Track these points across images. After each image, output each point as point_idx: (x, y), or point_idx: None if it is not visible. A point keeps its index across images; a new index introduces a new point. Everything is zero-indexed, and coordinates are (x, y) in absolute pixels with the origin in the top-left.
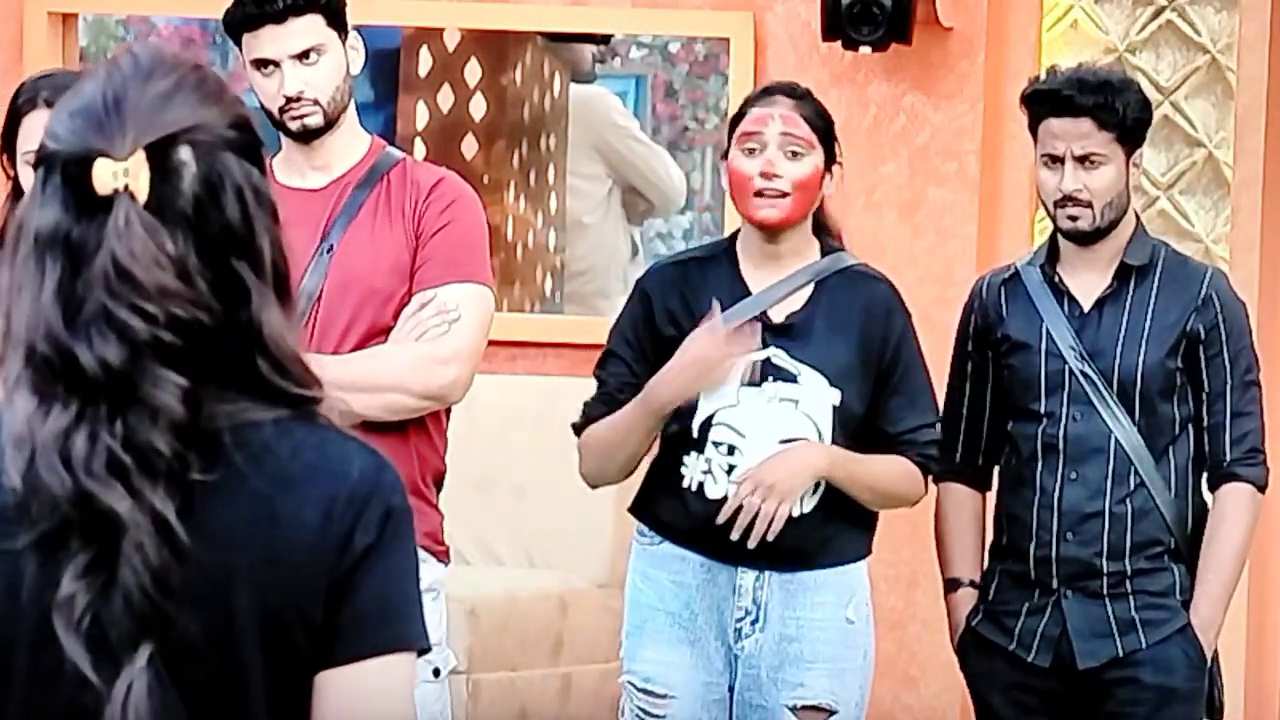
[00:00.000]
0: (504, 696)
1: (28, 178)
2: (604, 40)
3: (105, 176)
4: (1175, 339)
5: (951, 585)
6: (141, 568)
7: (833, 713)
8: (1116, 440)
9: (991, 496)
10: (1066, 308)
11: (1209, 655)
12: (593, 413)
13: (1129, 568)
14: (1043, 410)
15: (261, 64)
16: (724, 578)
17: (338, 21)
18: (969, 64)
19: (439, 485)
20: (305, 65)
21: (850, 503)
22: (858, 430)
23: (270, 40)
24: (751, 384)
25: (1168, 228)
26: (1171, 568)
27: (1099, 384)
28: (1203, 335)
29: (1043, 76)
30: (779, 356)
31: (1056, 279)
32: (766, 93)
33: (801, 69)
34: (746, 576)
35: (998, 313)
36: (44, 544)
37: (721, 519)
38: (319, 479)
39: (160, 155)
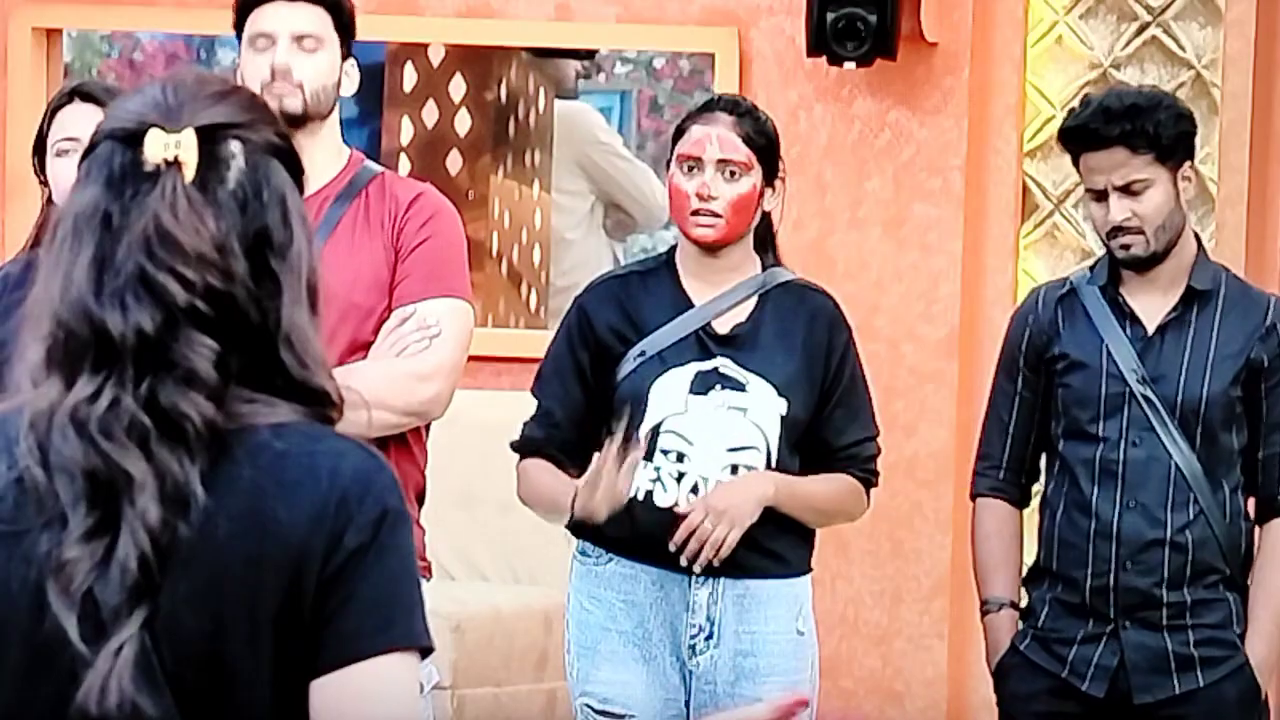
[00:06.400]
0: (489, 712)
1: (56, 170)
2: (588, 56)
3: (156, 146)
4: (1238, 368)
5: (989, 606)
6: (142, 531)
7: None
8: (1176, 467)
9: (1027, 515)
10: (1129, 329)
11: (1264, 694)
12: (532, 435)
13: (1188, 598)
14: (1100, 433)
15: (258, 39)
16: (677, 594)
17: (342, 29)
18: (954, 80)
19: (420, 500)
20: (300, 49)
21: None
22: (800, 442)
23: (274, 15)
24: (699, 392)
25: None
26: (1228, 597)
27: (1160, 409)
28: (1265, 364)
29: (1076, 108)
30: (727, 366)
31: (1119, 299)
32: (708, 109)
33: (786, 84)
34: (700, 592)
35: (1054, 329)
36: (57, 519)
37: (673, 547)
38: (312, 477)
39: (211, 140)
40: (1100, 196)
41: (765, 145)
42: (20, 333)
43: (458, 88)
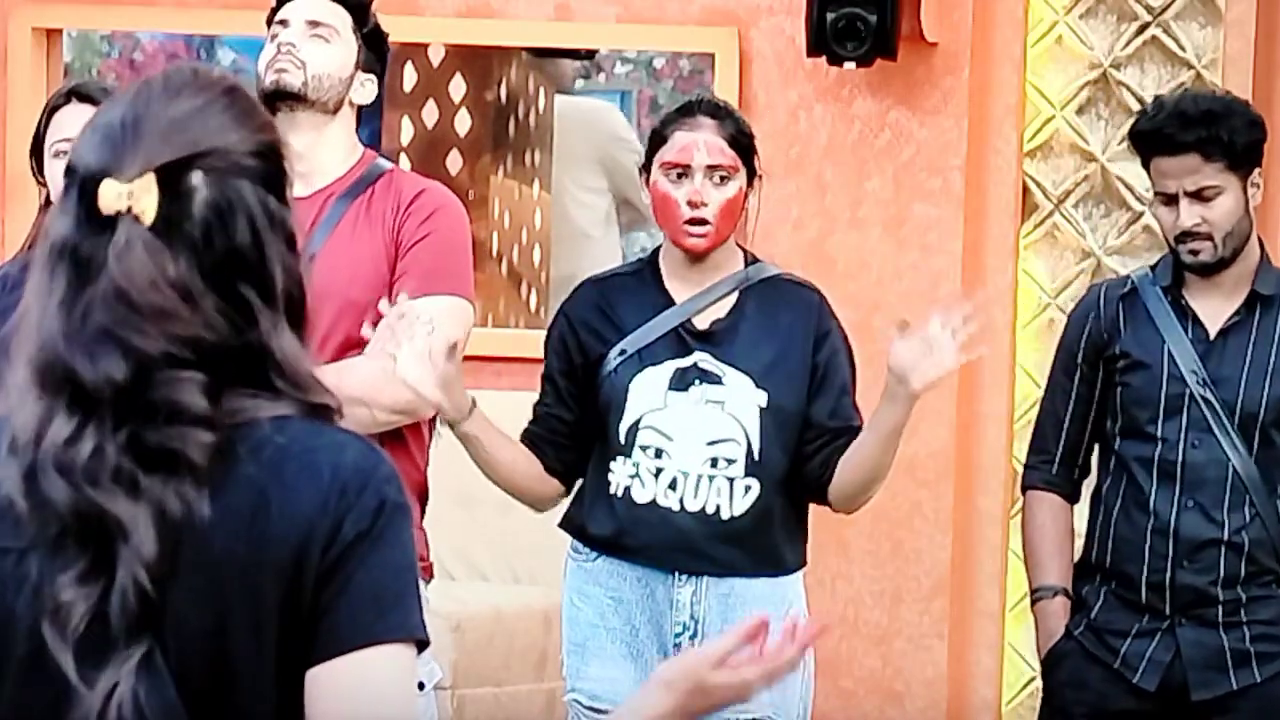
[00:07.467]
0: (489, 712)
1: (54, 171)
2: (589, 55)
3: (110, 197)
4: None
5: (1043, 593)
6: (140, 567)
7: None
8: (1234, 469)
9: (1079, 509)
10: (1191, 331)
11: None
12: (525, 432)
13: (1243, 595)
14: (1159, 434)
15: (275, 26)
16: (661, 591)
17: (361, 31)
18: (954, 80)
19: (422, 501)
20: (311, 36)
21: (783, 510)
22: (797, 429)
23: (294, 5)
24: (678, 388)
25: (1153, 242)
26: None
27: (1220, 412)
28: None
29: (1148, 111)
30: (705, 360)
31: (1182, 301)
32: (689, 113)
33: (786, 85)
34: (683, 590)
35: (1115, 327)
36: (44, 546)
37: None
38: (314, 472)
39: (171, 178)
40: (1170, 201)
41: (747, 145)
42: (10, 339)
43: (458, 88)
